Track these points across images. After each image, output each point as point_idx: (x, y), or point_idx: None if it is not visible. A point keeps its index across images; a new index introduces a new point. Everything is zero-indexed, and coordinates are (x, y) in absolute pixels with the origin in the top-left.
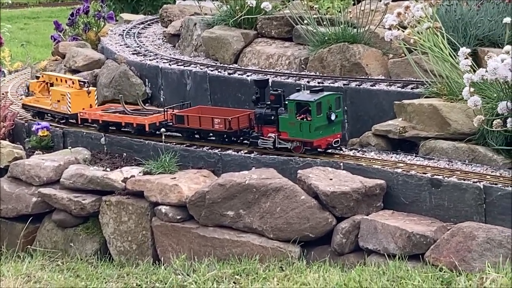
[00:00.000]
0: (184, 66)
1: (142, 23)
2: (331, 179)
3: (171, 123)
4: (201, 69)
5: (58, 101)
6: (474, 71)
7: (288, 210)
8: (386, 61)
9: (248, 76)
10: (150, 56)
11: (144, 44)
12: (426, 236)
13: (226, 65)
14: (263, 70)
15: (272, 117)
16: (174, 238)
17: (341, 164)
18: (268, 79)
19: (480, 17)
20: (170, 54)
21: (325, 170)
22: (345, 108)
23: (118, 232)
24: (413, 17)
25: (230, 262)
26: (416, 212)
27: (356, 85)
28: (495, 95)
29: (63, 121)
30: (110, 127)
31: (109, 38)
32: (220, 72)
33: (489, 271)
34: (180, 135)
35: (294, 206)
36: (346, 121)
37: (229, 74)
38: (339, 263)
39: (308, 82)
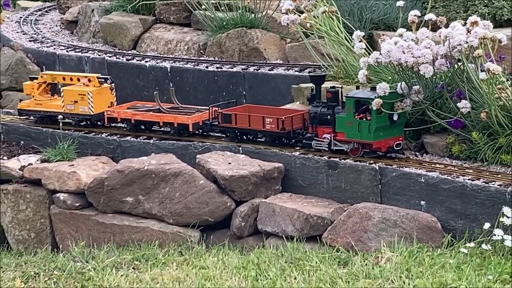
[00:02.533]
0: (82, 53)
1: (40, 10)
2: (229, 163)
3: (216, 122)
4: (99, 55)
5: (75, 101)
6: (370, 54)
7: (187, 195)
8: (284, 46)
9: (146, 62)
10: (47, 43)
11: (41, 31)
12: (324, 217)
13: (124, 51)
14: (162, 56)
15: (328, 117)
16: (73, 226)
17: (240, 148)
18: (325, 74)
19: (375, 1)
20: (68, 41)
21: (224, 155)
22: (244, 92)
23: (16, 221)
24: (309, 1)
25: (130, 248)
26: (314, 194)
27: (254, 69)
28: (390, 77)
29: (83, 123)
30: (142, 127)
31: (5, 25)
32: (119, 58)
33: (384, 250)
34: (225, 135)
35: (193, 190)
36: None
37: (128, 60)
38: (239, 246)
39: (207, 67)
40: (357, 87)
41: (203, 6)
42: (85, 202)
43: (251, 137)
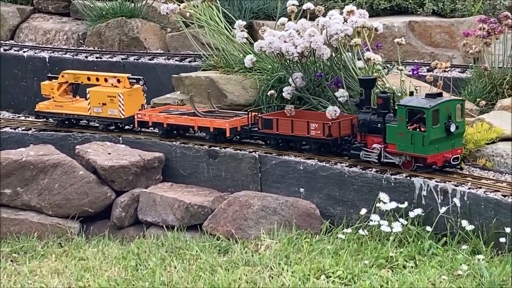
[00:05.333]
0: None
1: None
2: (109, 154)
3: (255, 128)
4: None
5: (103, 104)
6: (250, 43)
7: (66, 186)
8: (165, 35)
9: (24, 52)
10: None
11: None
12: (204, 206)
13: (2, 42)
14: (40, 46)
15: (378, 125)
16: None
17: (120, 138)
18: (376, 77)
19: None
20: None
21: (104, 145)
22: None
23: None
24: None
25: (8, 240)
26: (195, 184)
27: (134, 59)
28: (270, 66)
29: (113, 127)
30: (176, 132)
31: None
32: None
33: (264, 237)
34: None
35: (73, 181)
36: None
37: (5, 50)
38: (119, 236)
39: (86, 57)
40: (411, 94)
41: None
42: None
43: (294, 145)
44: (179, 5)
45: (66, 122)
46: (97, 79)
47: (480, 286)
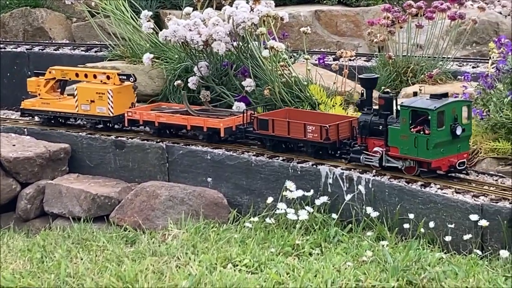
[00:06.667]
0: None
1: None
2: (14, 145)
3: (251, 128)
4: None
5: (92, 101)
6: (157, 33)
7: None
8: (70, 25)
9: None
10: None
11: None
12: (111, 197)
13: None
14: None
15: (380, 127)
16: None
17: (25, 129)
18: (377, 77)
19: None
20: None
21: (8, 136)
22: (29, 73)
23: None
24: None
25: None
26: (102, 174)
27: (39, 49)
28: (176, 56)
29: (101, 126)
30: (168, 131)
31: None
32: None
33: (171, 227)
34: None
35: None
36: None
37: None
38: (25, 229)
39: None
40: (415, 94)
41: None
42: None
43: (291, 146)
44: None
45: (53, 120)
46: (86, 76)
47: (384, 272)
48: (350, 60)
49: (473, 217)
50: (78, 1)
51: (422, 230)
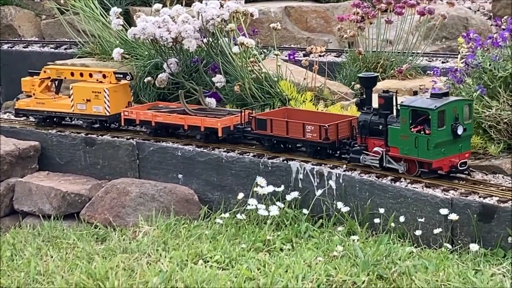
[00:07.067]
0: None
1: None
2: None
3: (249, 128)
4: None
5: (88, 100)
6: (127, 30)
7: None
8: (39, 22)
9: None
10: None
11: None
12: (81, 194)
13: None
14: None
15: (380, 127)
16: None
17: None
18: (377, 76)
19: None
20: None
21: None
22: None
23: None
24: None
25: None
26: (72, 172)
27: (8, 47)
28: (146, 53)
29: (97, 125)
30: (166, 130)
31: None
32: None
33: (142, 224)
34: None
35: None
36: (0, 84)
37: None
38: None
39: None
40: (415, 93)
41: None
42: None
43: (289, 146)
44: None
45: (48, 120)
46: (81, 74)
47: (354, 266)
48: (320, 56)
49: (443, 211)
50: None
51: (393, 224)
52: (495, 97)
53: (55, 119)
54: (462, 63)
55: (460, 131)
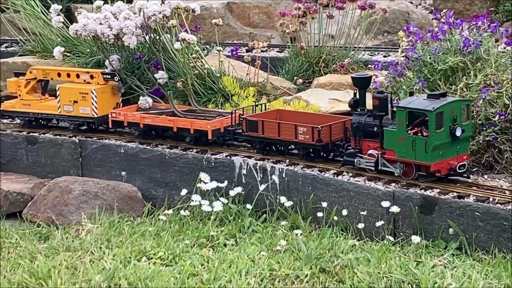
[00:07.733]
0: None
1: None
2: None
3: (240, 130)
4: None
5: (75, 101)
6: (68, 27)
7: None
8: None
9: None
10: None
11: None
12: (23, 193)
13: None
14: None
15: (375, 129)
16: None
17: None
18: (371, 76)
19: None
20: None
21: None
22: None
23: None
24: None
25: None
26: (14, 171)
27: None
28: (88, 50)
29: (85, 127)
30: (154, 132)
31: None
32: None
33: (85, 222)
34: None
35: None
36: None
37: None
38: None
39: None
40: (411, 94)
41: None
42: None
43: (281, 149)
44: None
45: (34, 122)
46: (68, 75)
47: (297, 260)
48: (262, 51)
49: (385, 203)
50: None
51: (335, 218)
52: (436, 90)
53: (41, 121)
54: (402, 56)
55: (458, 132)
